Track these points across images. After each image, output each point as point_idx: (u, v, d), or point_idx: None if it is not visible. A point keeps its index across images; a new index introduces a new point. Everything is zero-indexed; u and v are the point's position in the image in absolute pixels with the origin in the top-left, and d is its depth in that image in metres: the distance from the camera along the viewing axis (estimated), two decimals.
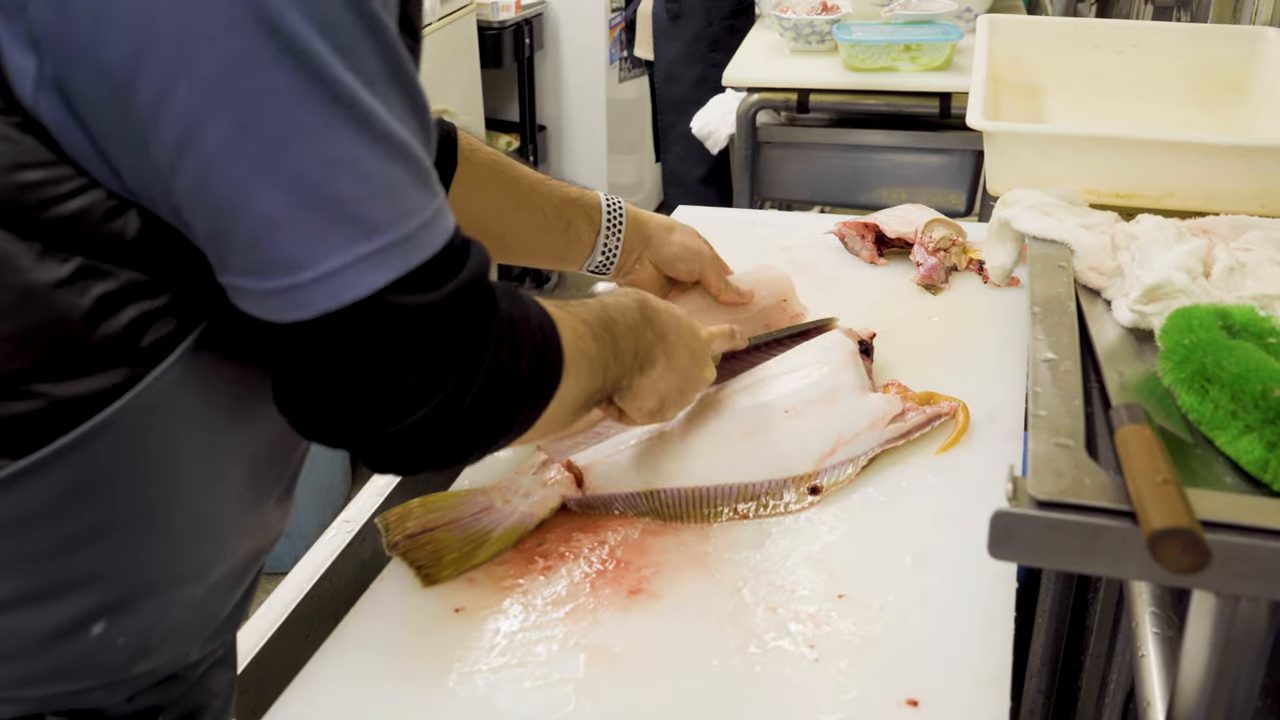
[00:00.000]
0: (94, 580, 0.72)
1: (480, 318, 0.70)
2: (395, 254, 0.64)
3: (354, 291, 0.63)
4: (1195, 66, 1.37)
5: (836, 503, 1.03)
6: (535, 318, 0.77)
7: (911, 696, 0.83)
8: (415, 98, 0.67)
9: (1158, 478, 0.65)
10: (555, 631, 0.90)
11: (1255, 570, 0.65)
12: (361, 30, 0.61)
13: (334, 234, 0.62)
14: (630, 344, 0.91)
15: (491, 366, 0.70)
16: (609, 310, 0.90)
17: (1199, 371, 0.78)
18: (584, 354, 0.83)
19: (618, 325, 0.89)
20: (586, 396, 0.86)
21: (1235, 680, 0.70)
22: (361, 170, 0.62)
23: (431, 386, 0.68)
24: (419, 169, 0.66)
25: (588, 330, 0.85)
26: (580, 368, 0.82)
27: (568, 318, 0.82)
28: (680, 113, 3.18)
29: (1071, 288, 0.95)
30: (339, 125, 0.61)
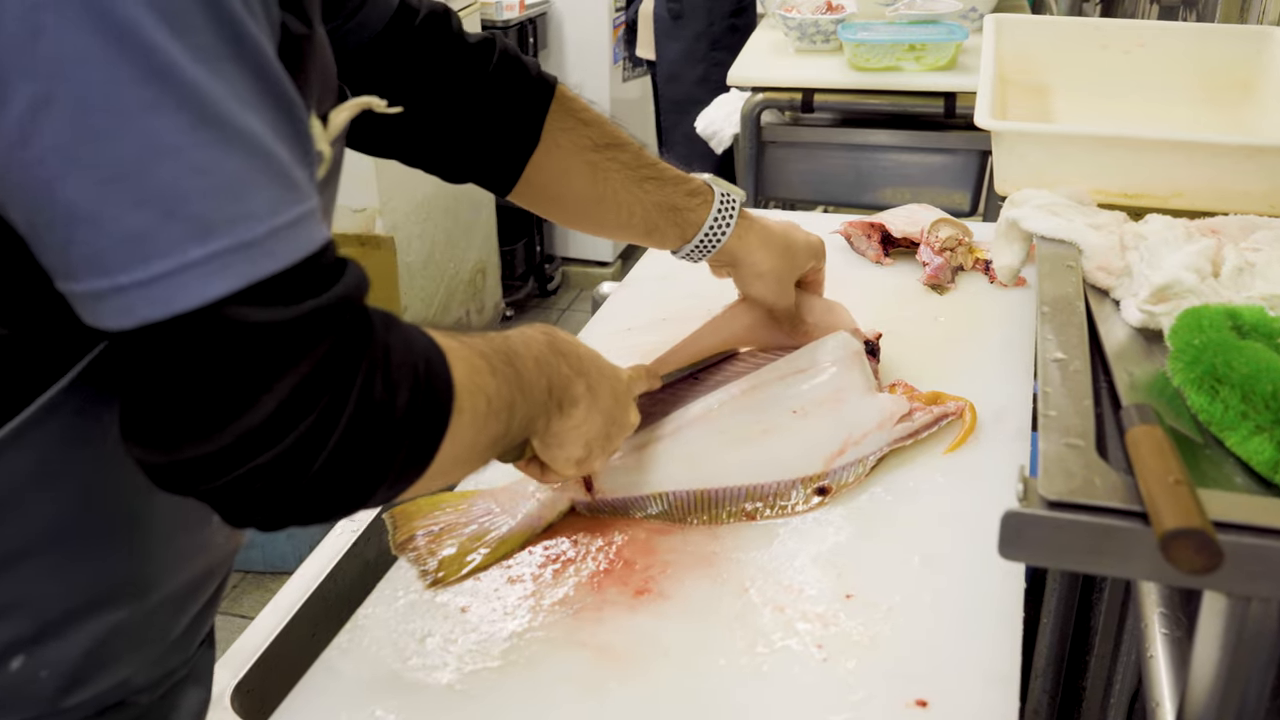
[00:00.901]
0: (8, 612, 0.67)
1: (348, 342, 0.60)
2: (237, 261, 0.55)
3: (184, 300, 0.55)
4: (1203, 66, 1.37)
5: (844, 503, 1.02)
6: (419, 346, 0.67)
7: (920, 697, 0.82)
8: (272, 85, 0.58)
9: (1170, 478, 0.65)
10: (562, 631, 0.89)
11: (1267, 571, 0.64)
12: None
13: (159, 233, 0.54)
14: (541, 379, 0.81)
15: (361, 399, 0.60)
16: (511, 342, 0.79)
17: (1209, 372, 0.77)
18: (480, 389, 0.72)
19: (522, 359, 0.79)
20: (490, 440, 0.75)
21: (1246, 681, 0.69)
22: (191, 160, 0.54)
23: (286, 420, 0.58)
24: (272, 166, 0.57)
25: (484, 363, 0.73)
26: (476, 405, 0.71)
27: (460, 348, 0.71)
28: (683, 112, 3.18)
29: (1080, 287, 0.95)
30: (162, 105, 0.53)
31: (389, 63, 0.98)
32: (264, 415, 0.57)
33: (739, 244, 1.11)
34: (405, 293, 3.05)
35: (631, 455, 1.04)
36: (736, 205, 1.11)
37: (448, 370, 0.68)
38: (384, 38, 0.98)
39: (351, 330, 0.61)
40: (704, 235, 1.09)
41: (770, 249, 1.13)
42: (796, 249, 1.15)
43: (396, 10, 0.98)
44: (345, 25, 0.95)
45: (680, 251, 1.12)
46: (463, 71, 1.02)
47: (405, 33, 0.99)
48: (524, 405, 0.78)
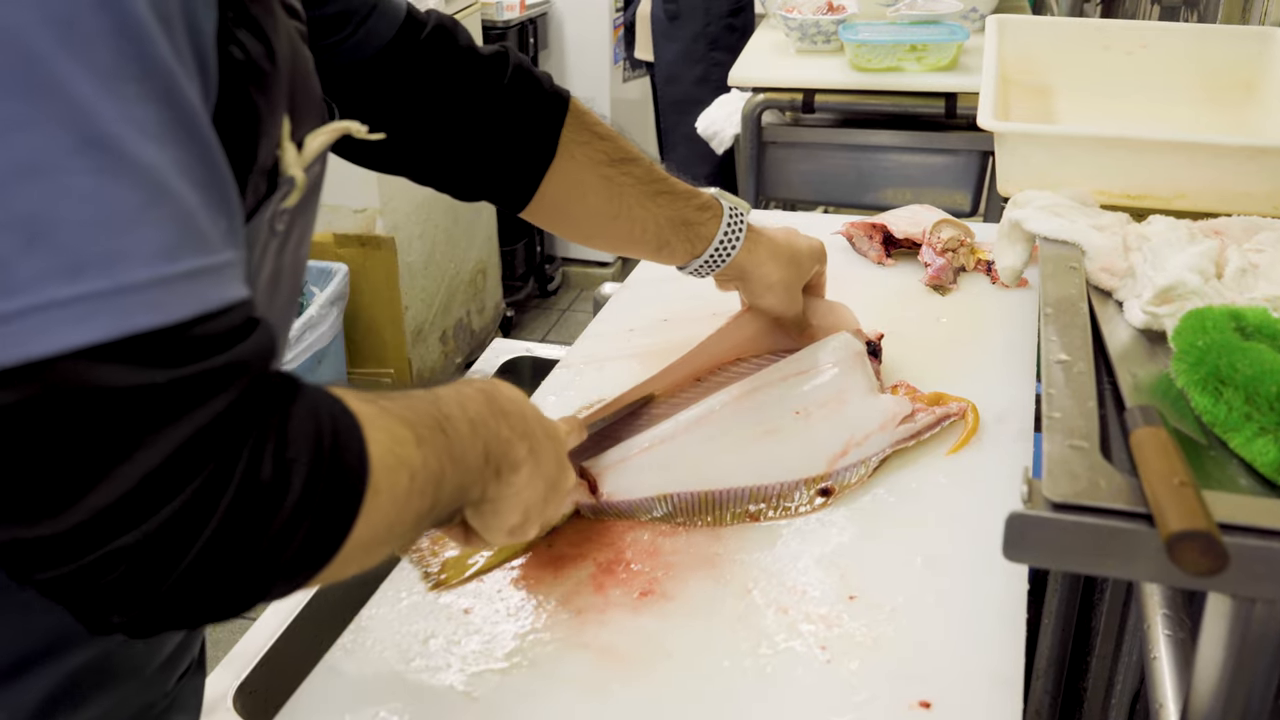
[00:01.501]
0: None
1: (236, 411, 0.52)
2: (108, 308, 0.48)
3: (39, 345, 0.47)
4: (1205, 67, 1.37)
5: (847, 504, 1.02)
6: (326, 416, 0.57)
7: (924, 698, 0.82)
8: (185, 119, 0.52)
9: (1174, 480, 0.65)
10: (565, 633, 0.89)
11: (1272, 572, 0.65)
12: (91, 7, 0.48)
13: (19, 263, 0.46)
14: (477, 444, 0.71)
15: (245, 478, 0.52)
16: (443, 404, 0.69)
17: (1213, 373, 0.77)
18: (403, 463, 0.62)
19: (454, 422, 0.69)
20: (413, 518, 0.65)
21: (1251, 683, 0.70)
22: (68, 185, 0.47)
23: (150, 498, 0.49)
24: (170, 206, 0.50)
25: (409, 432, 0.64)
26: (396, 481, 0.61)
27: (380, 416, 0.62)
28: (682, 113, 3.18)
29: (1084, 289, 0.95)
30: (39, 120, 0.47)
31: (395, 78, 0.97)
32: (122, 490, 0.49)
33: (748, 258, 1.10)
34: (406, 293, 3.05)
35: (635, 458, 1.04)
36: (744, 219, 1.10)
37: (362, 443, 0.59)
38: (390, 52, 0.96)
39: (244, 400, 0.53)
40: (714, 250, 1.08)
41: (778, 260, 1.12)
42: (802, 257, 1.14)
43: (402, 24, 0.96)
44: (348, 41, 0.93)
45: (689, 266, 1.10)
46: (476, 86, 1.00)
47: (411, 47, 0.97)
48: (455, 475, 0.69)
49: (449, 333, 3.39)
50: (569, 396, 1.22)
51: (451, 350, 3.41)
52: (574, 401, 1.20)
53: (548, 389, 1.24)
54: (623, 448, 1.05)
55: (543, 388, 1.24)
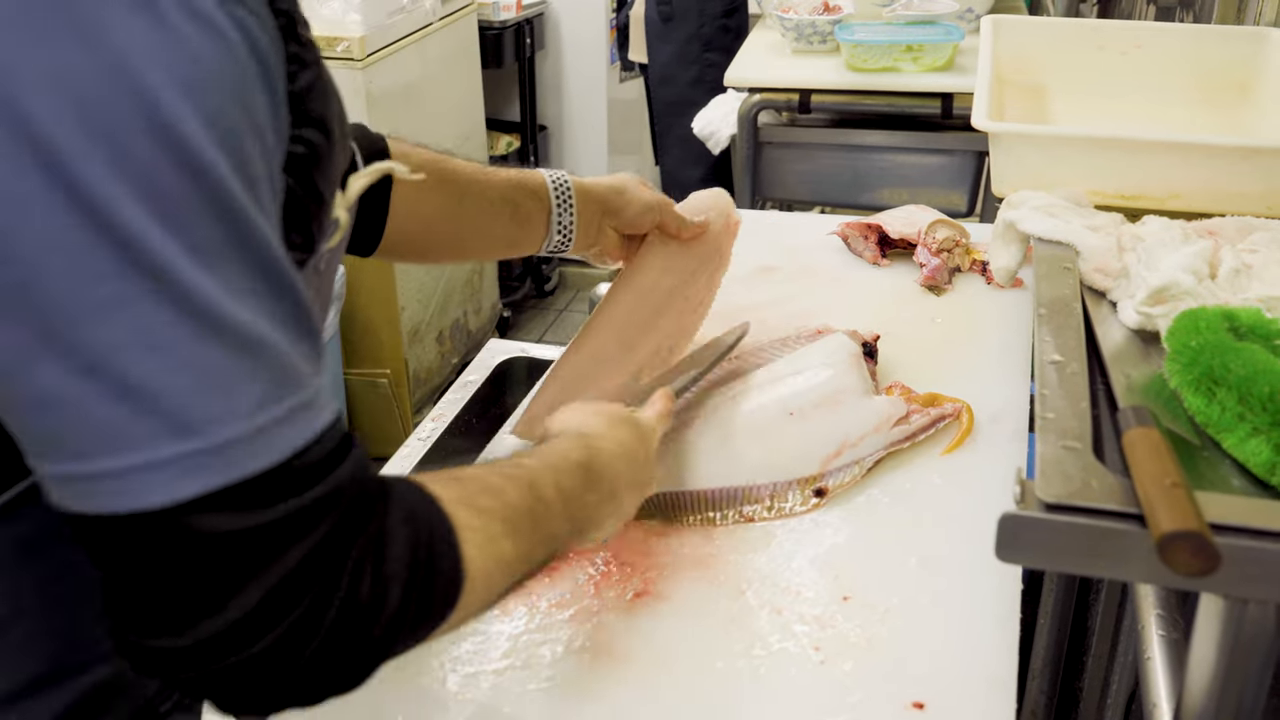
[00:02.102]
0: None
1: (336, 540, 0.57)
2: (214, 463, 0.53)
3: (146, 499, 0.52)
4: (1200, 67, 1.37)
5: (841, 505, 1.02)
6: (423, 526, 0.63)
7: (917, 699, 0.82)
8: (272, 270, 0.56)
9: (1166, 481, 0.65)
10: (560, 634, 0.89)
11: (1264, 573, 0.65)
12: (195, 193, 0.52)
13: (132, 427, 0.52)
14: (566, 521, 0.77)
15: (345, 602, 0.57)
16: (540, 489, 0.74)
17: (1206, 374, 0.77)
18: (499, 561, 0.67)
19: (550, 506, 0.74)
20: (498, 596, 0.71)
21: (1243, 683, 0.70)
22: (177, 356, 0.52)
23: (259, 624, 0.55)
24: (267, 359, 0.55)
25: (506, 530, 0.69)
26: (492, 578, 0.67)
27: (479, 519, 0.67)
28: (677, 115, 3.18)
29: (1077, 289, 0.95)
30: (149, 299, 0.51)
31: None
32: (235, 618, 0.54)
33: (595, 186, 1.11)
34: (402, 293, 3.05)
35: None
36: (566, 175, 1.11)
37: (456, 550, 0.64)
38: None
39: (343, 524, 0.57)
40: (555, 190, 1.09)
41: (617, 182, 1.13)
42: (622, 177, 1.15)
43: None
44: None
45: (552, 228, 1.09)
46: None
47: None
48: (542, 553, 0.74)
49: (446, 333, 3.39)
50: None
51: (448, 350, 3.41)
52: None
53: None
54: None
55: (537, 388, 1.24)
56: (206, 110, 0.52)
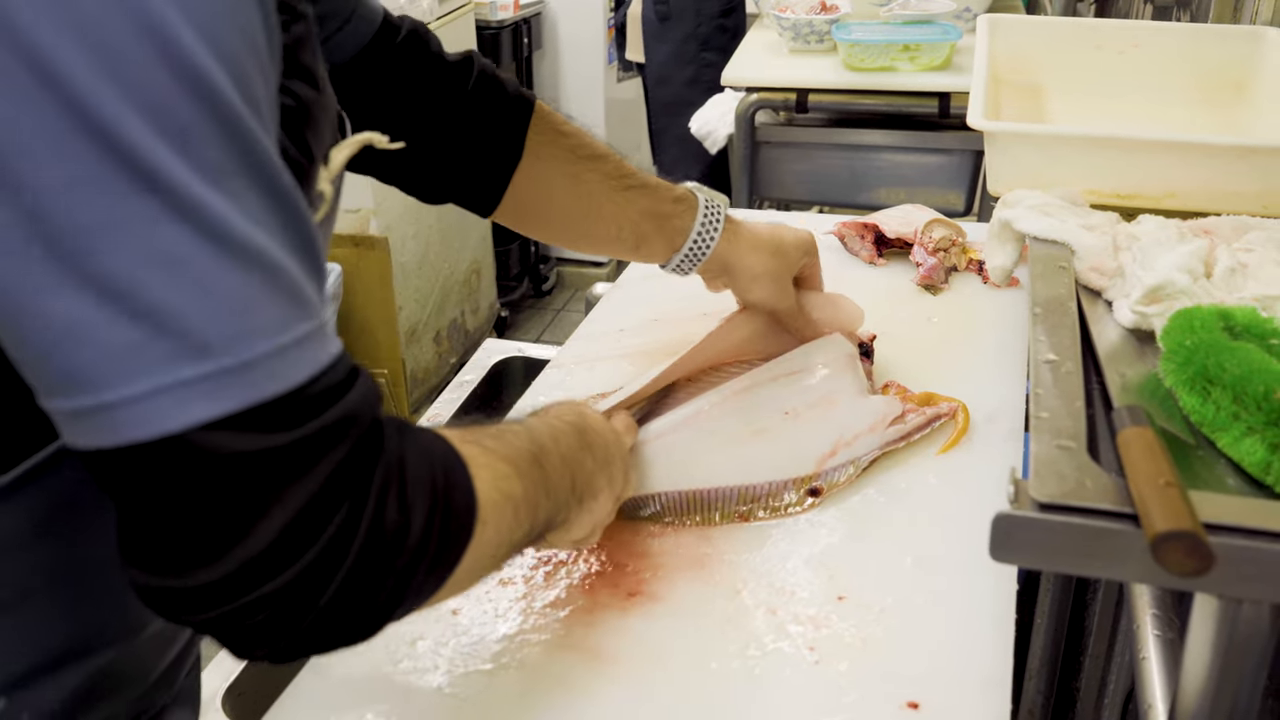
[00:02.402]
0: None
1: (357, 462, 0.57)
2: (235, 383, 0.52)
3: (169, 423, 0.51)
4: (1197, 67, 1.36)
5: (837, 504, 1.02)
6: (440, 459, 0.63)
7: (912, 699, 0.82)
8: (282, 197, 0.55)
9: (1160, 480, 0.64)
10: (554, 634, 0.89)
11: (1259, 573, 0.64)
12: (202, 113, 0.51)
13: (150, 348, 0.51)
14: (567, 477, 0.79)
15: (373, 525, 0.57)
16: (540, 439, 0.77)
17: (1201, 373, 0.77)
18: (508, 498, 0.69)
19: (550, 457, 0.77)
20: (511, 544, 0.71)
21: (1238, 683, 0.69)
22: (193, 275, 0.51)
23: (289, 549, 0.54)
24: (280, 282, 0.54)
25: (512, 470, 0.70)
26: (503, 515, 0.68)
27: (485, 456, 0.68)
28: (674, 115, 3.18)
29: (1073, 289, 0.95)
30: (162, 219, 0.50)
31: (367, 81, 0.97)
32: (264, 543, 0.54)
33: (729, 249, 1.09)
34: (400, 293, 3.04)
35: None
36: (722, 210, 1.09)
37: (470, 482, 0.65)
38: (364, 56, 0.96)
39: (361, 447, 0.57)
40: (693, 242, 1.07)
41: (761, 251, 1.11)
42: (787, 247, 1.13)
43: (379, 29, 0.97)
44: (328, 42, 0.93)
45: (670, 263, 1.09)
46: (442, 91, 1.00)
47: (386, 52, 0.97)
48: (547, 505, 0.76)
49: (443, 333, 3.39)
50: (559, 396, 1.21)
51: (445, 350, 3.41)
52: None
53: (538, 389, 1.24)
54: None
55: (533, 388, 1.24)
56: (209, 32, 0.51)
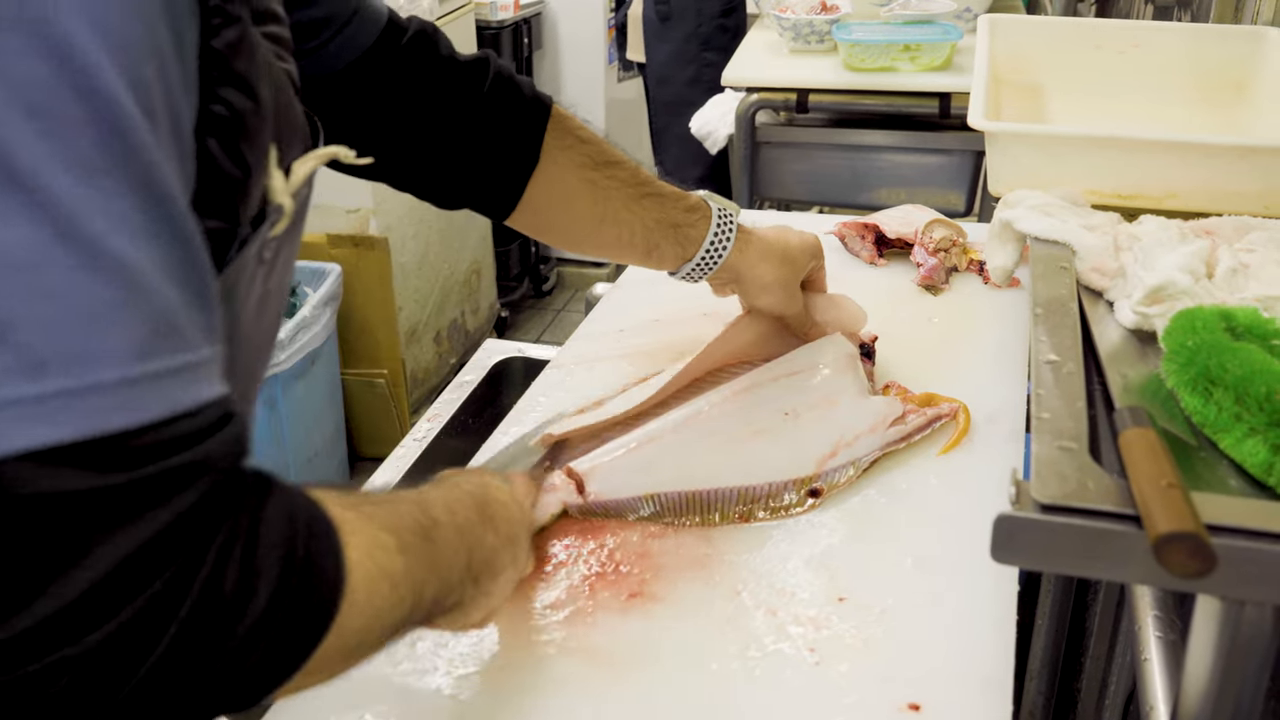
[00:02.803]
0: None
1: (200, 515, 0.49)
2: (73, 408, 0.45)
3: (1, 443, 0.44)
4: (1197, 67, 1.36)
5: (837, 505, 1.02)
6: (305, 521, 0.55)
7: (913, 700, 0.82)
8: (165, 214, 0.49)
9: (1163, 481, 0.64)
10: (554, 635, 0.89)
11: (1261, 574, 0.64)
12: (71, 96, 0.45)
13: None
14: (462, 554, 0.71)
15: (207, 587, 0.49)
16: (432, 510, 0.69)
17: (1203, 374, 0.77)
18: (384, 573, 0.60)
19: (443, 530, 0.68)
20: (389, 629, 0.63)
21: (1240, 684, 0.69)
22: (39, 282, 0.45)
23: (104, 604, 0.46)
24: (145, 304, 0.48)
25: (392, 540, 0.62)
26: (375, 591, 0.59)
27: (363, 523, 0.60)
28: (675, 114, 3.18)
29: (1074, 289, 0.95)
30: (9, 212, 0.44)
31: (374, 84, 0.95)
32: (71, 596, 0.46)
33: (740, 259, 1.08)
34: (399, 294, 3.04)
35: (624, 457, 1.04)
36: (734, 220, 1.08)
37: (338, 551, 0.57)
38: (369, 59, 0.94)
39: (210, 499, 0.50)
40: (704, 253, 1.07)
41: (771, 260, 1.10)
42: (795, 254, 1.13)
43: (383, 30, 0.94)
44: (327, 47, 0.91)
45: (680, 271, 1.09)
46: (455, 93, 0.99)
47: (391, 53, 0.95)
48: (435, 585, 0.67)
49: (443, 333, 3.39)
50: (558, 397, 1.21)
51: (445, 351, 3.41)
52: (563, 402, 1.19)
53: (538, 390, 1.24)
54: (610, 447, 1.05)
55: (533, 388, 1.24)
56: (98, 17, 0.46)
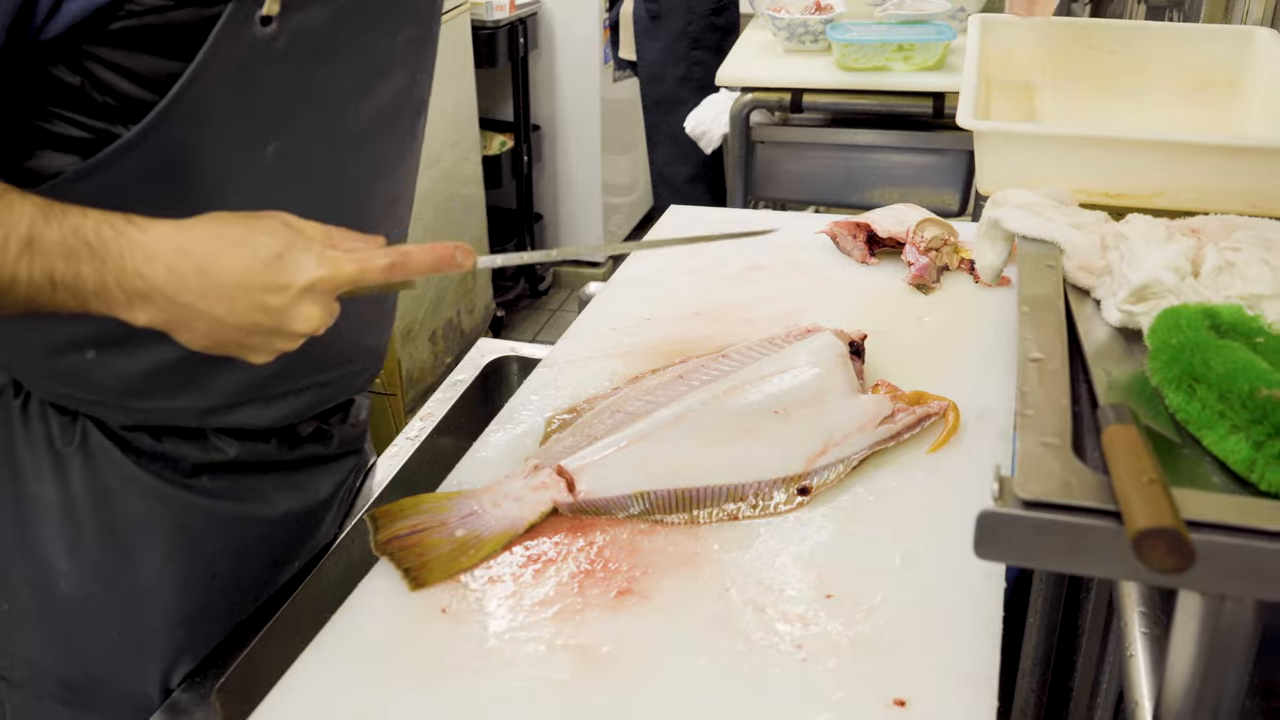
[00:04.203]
0: (81, 318, 0.83)
1: None
2: None
3: None
4: (1186, 66, 1.37)
5: (826, 503, 1.02)
6: None
7: (899, 696, 0.82)
8: None
9: (1143, 477, 0.65)
10: (543, 632, 0.89)
11: (1240, 569, 0.65)
12: None
13: None
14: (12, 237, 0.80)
15: None
16: (73, 218, 0.81)
17: (1187, 371, 0.77)
18: None
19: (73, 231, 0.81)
20: None
21: (1221, 678, 0.70)
22: None
23: None
24: None
25: None
26: None
27: None
28: (665, 113, 3.18)
29: (1060, 287, 0.95)
30: None
31: None
32: None
33: None
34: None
35: (613, 455, 1.04)
36: None
37: None
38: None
39: None
40: None
41: None
42: None
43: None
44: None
45: None
46: None
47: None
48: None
49: (439, 333, 3.39)
50: (549, 395, 1.22)
51: (441, 350, 3.41)
52: (555, 400, 1.20)
53: (529, 388, 1.24)
54: (600, 445, 1.05)
55: (524, 387, 1.24)
56: None
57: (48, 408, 1.04)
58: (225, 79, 0.88)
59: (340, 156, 1.00)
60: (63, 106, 0.89)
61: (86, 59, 0.87)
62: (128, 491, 1.04)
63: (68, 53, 0.87)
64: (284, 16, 0.88)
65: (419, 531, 0.98)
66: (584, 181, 4.18)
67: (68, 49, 0.87)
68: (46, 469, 1.03)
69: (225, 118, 0.90)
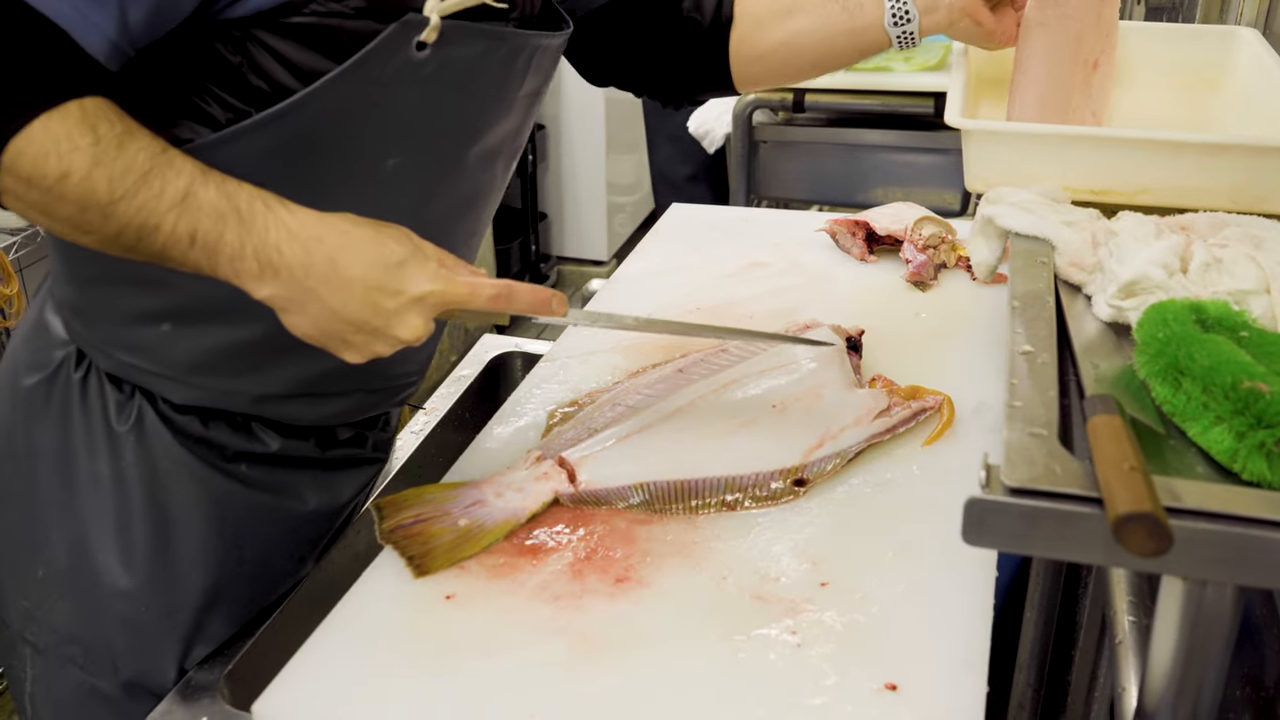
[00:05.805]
0: (163, 289, 0.96)
1: None
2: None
3: None
4: (1172, 64, 1.39)
5: (822, 494, 1.04)
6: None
7: (890, 681, 0.84)
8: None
9: (1125, 465, 0.66)
10: (543, 619, 0.91)
11: (1220, 555, 0.66)
12: None
13: None
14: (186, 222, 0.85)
15: None
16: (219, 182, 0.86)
17: (1172, 364, 0.79)
18: (58, 155, 0.81)
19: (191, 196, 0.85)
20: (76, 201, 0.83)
21: (1203, 662, 0.72)
22: None
23: None
24: None
25: (88, 141, 0.82)
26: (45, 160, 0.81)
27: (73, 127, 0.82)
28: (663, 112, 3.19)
29: (1051, 283, 0.97)
30: None
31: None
32: None
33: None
34: None
35: (613, 447, 1.06)
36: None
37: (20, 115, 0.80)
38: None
39: None
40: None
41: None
42: None
43: None
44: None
45: (886, 12, 1.21)
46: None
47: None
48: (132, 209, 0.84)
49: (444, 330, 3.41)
50: (552, 389, 1.24)
51: (445, 348, 3.43)
52: (557, 394, 1.22)
53: (532, 382, 1.26)
54: (601, 437, 1.08)
55: (526, 381, 1.27)
56: None
57: (106, 385, 1.07)
58: (369, 88, 0.92)
59: (443, 184, 1.04)
60: (215, 83, 0.92)
61: (251, 42, 0.89)
62: (176, 473, 1.08)
63: (236, 33, 0.89)
64: (439, 46, 0.92)
65: (423, 521, 1.00)
66: (588, 180, 4.20)
67: (238, 30, 0.89)
68: (101, 444, 1.07)
69: (359, 124, 0.94)
